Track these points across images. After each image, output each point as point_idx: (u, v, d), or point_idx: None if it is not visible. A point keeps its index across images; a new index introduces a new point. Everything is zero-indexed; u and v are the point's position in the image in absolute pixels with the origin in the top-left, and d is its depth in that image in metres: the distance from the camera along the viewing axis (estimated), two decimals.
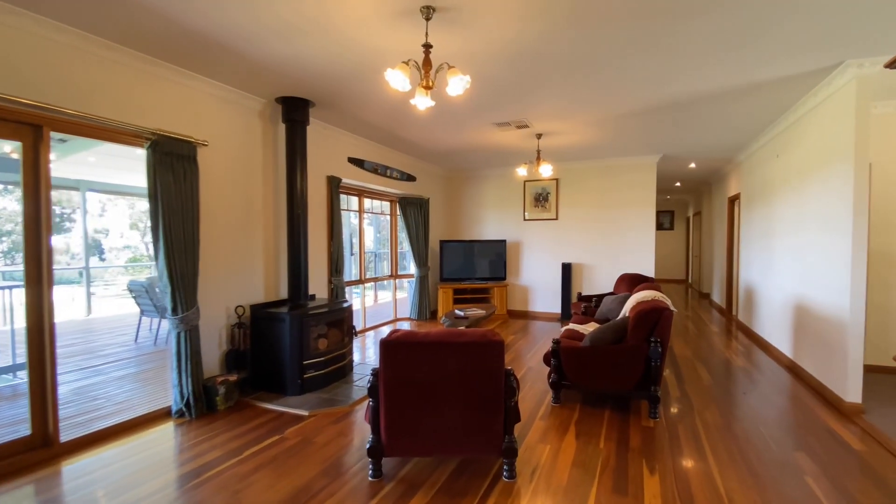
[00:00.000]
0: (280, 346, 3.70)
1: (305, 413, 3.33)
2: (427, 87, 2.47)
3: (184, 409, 3.33)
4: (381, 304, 8.93)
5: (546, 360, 3.52)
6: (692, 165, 7.29)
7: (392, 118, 4.53)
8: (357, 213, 6.23)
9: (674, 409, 3.31)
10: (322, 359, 3.84)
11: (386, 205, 6.98)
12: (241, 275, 3.87)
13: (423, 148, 6.01)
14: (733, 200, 7.15)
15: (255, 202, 3.99)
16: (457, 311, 5.16)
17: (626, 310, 3.85)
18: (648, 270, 6.55)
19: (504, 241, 7.19)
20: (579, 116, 4.47)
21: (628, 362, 3.15)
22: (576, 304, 6.14)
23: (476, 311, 5.08)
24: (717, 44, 2.81)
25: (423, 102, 2.57)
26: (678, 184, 9.68)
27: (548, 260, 7.19)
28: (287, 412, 3.38)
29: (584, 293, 6.95)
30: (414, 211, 6.85)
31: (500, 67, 3.22)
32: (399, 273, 7.13)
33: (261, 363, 3.79)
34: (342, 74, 3.36)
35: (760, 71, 3.25)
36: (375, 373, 2.31)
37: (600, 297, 6.14)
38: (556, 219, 7.09)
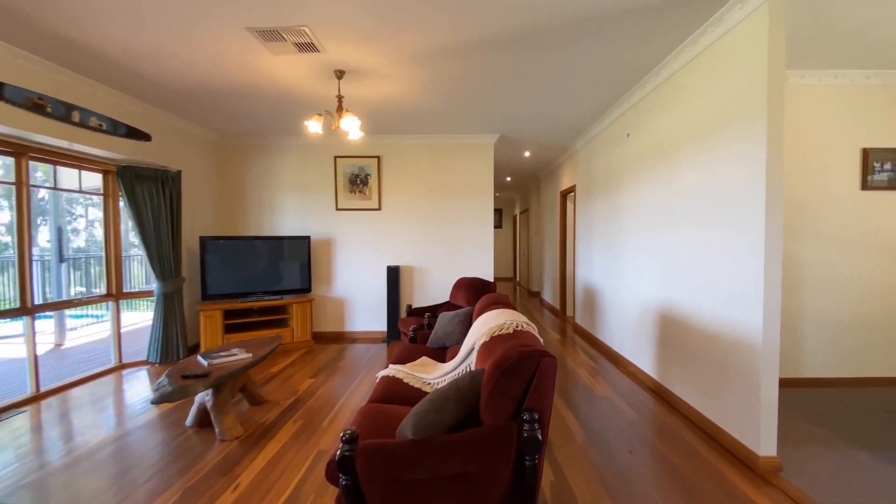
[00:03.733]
0: None
1: None
2: None
3: None
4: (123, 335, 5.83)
5: (330, 475, 1.72)
6: (527, 154, 6.57)
7: None
8: (15, 187, 3.39)
9: None
10: None
11: (95, 178, 4.20)
12: None
13: (150, 81, 3.55)
14: (566, 194, 6.67)
15: None
16: (199, 358, 2.96)
17: (475, 344, 2.35)
18: (488, 273, 5.44)
19: (308, 239, 5.17)
20: (391, 39, 2.82)
21: (486, 465, 1.60)
22: (406, 320, 4.57)
23: (234, 357, 2.96)
24: None
25: None
26: (508, 178, 9.20)
27: (370, 262, 5.46)
28: None
29: (417, 304, 5.47)
30: (150, 190, 4.27)
31: None
32: (125, 290, 4.41)
33: None
34: None
35: None
36: None
37: (436, 309, 4.71)
38: (379, 209, 5.42)
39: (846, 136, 3.43)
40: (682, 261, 3.05)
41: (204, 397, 2.87)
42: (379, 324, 5.47)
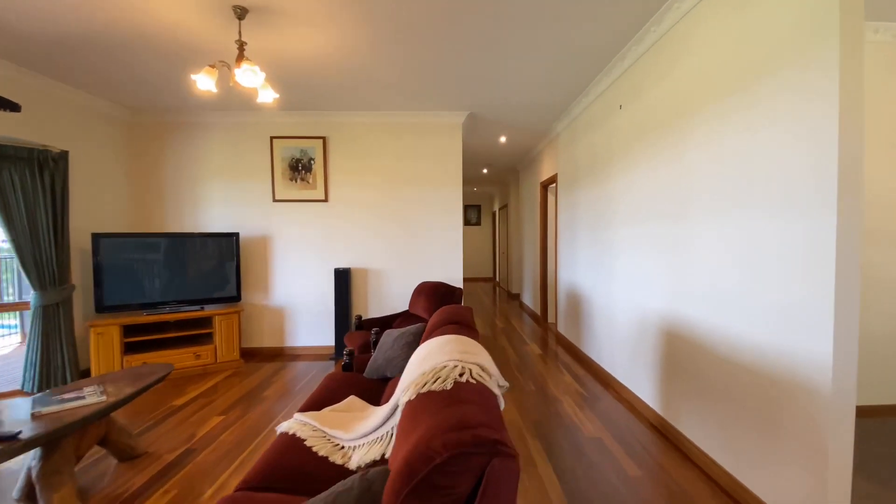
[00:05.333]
0: None
1: None
2: None
3: None
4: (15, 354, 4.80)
5: None
6: (502, 139, 5.81)
7: None
8: None
9: None
10: None
11: None
12: None
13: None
14: (547, 185, 5.94)
15: None
16: (32, 401, 2.08)
17: (399, 402, 1.54)
18: (456, 276, 4.65)
19: (235, 236, 4.29)
20: None
21: None
22: (353, 335, 3.74)
23: (78, 402, 2.09)
24: None
25: None
26: (485, 170, 8.45)
27: (315, 264, 4.61)
28: None
29: (372, 314, 4.66)
30: (22, 174, 3.36)
31: None
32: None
33: None
34: None
35: None
36: None
37: (390, 322, 3.91)
38: (326, 200, 4.56)
39: (889, 105, 2.75)
40: (698, 260, 2.32)
41: (31, 461, 2.01)
42: (326, 337, 4.62)
